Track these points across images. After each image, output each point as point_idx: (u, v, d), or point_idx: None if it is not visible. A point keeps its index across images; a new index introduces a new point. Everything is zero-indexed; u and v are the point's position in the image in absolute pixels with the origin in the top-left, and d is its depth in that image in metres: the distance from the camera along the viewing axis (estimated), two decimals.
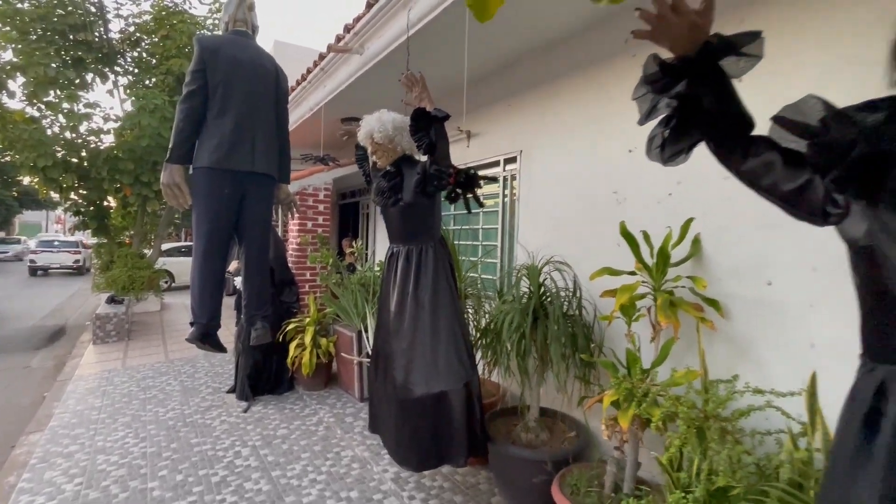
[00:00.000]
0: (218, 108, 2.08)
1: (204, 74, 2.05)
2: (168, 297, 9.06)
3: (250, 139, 2.13)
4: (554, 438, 2.37)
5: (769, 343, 1.76)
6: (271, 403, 3.78)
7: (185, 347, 5.61)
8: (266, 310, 2.36)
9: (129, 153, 6.70)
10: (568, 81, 2.70)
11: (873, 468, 0.69)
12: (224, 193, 2.12)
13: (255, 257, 2.31)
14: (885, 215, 0.71)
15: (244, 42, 2.20)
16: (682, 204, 2.04)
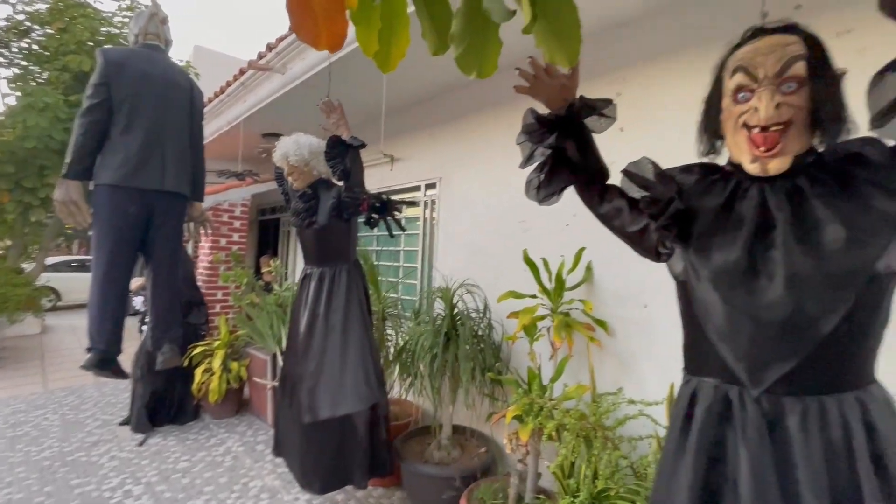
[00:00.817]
0: (124, 123, 1.98)
1: (107, 88, 1.95)
2: (52, 317, 7.98)
3: (160, 156, 2.06)
4: (465, 455, 2.47)
5: (646, 358, 2.02)
6: (172, 434, 3.48)
7: (69, 375, 4.98)
8: (174, 332, 2.23)
9: (9, 155, 5.90)
10: (482, 117, 2.91)
11: (686, 462, 0.86)
12: (129, 212, 2.01)
13: (162, 277, 2.19)
14: (692, 257, 0.90)
15: (155, 56, 2.12)
16: (576, 234, 2.28)
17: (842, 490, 0.73)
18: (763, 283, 0.80)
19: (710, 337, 0.88)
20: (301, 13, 0.70)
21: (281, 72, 3.01)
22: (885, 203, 0.74)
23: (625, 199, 1.09)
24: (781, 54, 0.81)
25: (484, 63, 0.79)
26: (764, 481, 0.77)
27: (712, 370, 0.88)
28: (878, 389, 0.80)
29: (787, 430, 0.78)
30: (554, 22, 0.74)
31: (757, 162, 0.83)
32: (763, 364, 0.80)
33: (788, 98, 0.80)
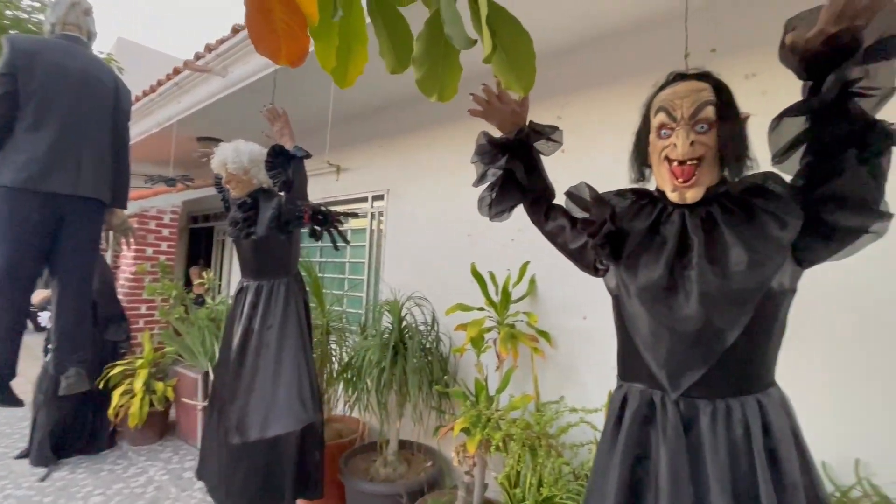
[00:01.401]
0: (32, 120, 1.78)
1: (14, 80, 1.75)
2: None
3: (75, 159, 1.86)
4: (411, 470, 2.44)
5: (586, 367, 2.13)
6: (83, 466, 3.12)
7: None
8: (82, 354, 2.00)
9: None
10: (431, 132, 2.95)
11: (616, 460, 0.94)
12: (32, 218, 1.79)
13: (70, 291, 1.97)
14: (623, 274, 0.99)
15: (74, 49, 1.93)
16: (522, 248, 2.37)
17: (742, 481, 0.83)
18: (681, 299, 0.91)
19: (638, 347, 0.97)
20: (261, 27, 0.69)
21: (221, 74, 2.87)
22: (778, 231, 0.86)
23: (567, 218, 1.17)
24: (695, 99, 0.92)
25: (444, 87, 0.82)
26: (679, 476, 0.86)
27: (640, 376, 0.98)
28: (776, 391, 0.92)
29: (700, 430, 0.88)
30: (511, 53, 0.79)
31: (676, 191, 0.94)
32: (680, 371, 0.90)
33: (701, 137, 0.91)
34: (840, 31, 0.76)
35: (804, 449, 0.90)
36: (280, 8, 0.70)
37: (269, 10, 0.69)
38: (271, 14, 0.70)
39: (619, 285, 1.02)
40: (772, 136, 0.93)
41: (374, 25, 0.85)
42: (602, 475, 0.98)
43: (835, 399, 1.55)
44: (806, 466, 0.88)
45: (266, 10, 0.69)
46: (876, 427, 1.49)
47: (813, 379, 1.57)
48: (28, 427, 3.69)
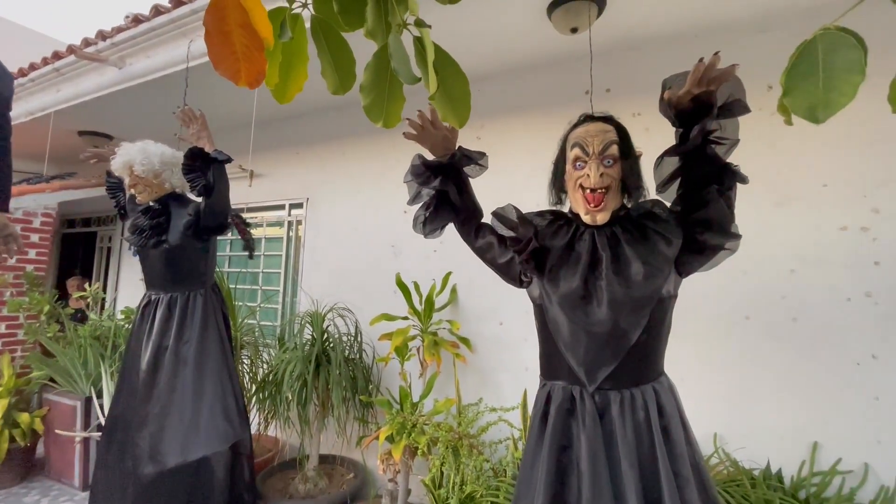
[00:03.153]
0: None
1: None
2: None
3: None
4: (333, 484, 2.41)
5: (502, 369, 2.30)
6: None
7: None
8: None
9: None
10: (354, 142, 2.97)
11: (543, 451, 1.07)
12: None
13: None
14: (546, 285, 1.14)
15: None
16: (444, 259, 2.49)
17: (645, 456, 1.01)
18: (594, 306, 1.08)
19: (559, 348, 1.12)
20: (221, 49, 0.70)
21: (118, 66, 2.60)
22: (665, 248, 1.07)
23: (495, 235, 1.30)
24: (603, 138, 1.11)
25: (389, 114, 0.89)
26: (597, 458, 1.01)
27: (562, 374, 1.13)
28: (666, 379, 1.13)
29: (612, 416, 1.04)
30: (450, 91, 0.89)
31: (589, 214, 1.12)
32: (595, 367, 1.07)
33: (608, 170, 1.10)
34: (700, 93, 0.99)
35: (686, 424, 1.12)
36: (239, 31, 0.73)
37: (228, 32, 0.72)
38: (230, 37, 0.72)
39: (542, 295, 1.17)
40: (656, 171, 1.16)
41: (317, 47, 0.90)
42: (531, 466, 1.10)
43: (700, 385, 1.89)
44: (688, 438, 1.09)
45: (226, 32, 0.71)
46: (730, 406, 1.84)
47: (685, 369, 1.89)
48: None
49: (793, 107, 0.51)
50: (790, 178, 1.83)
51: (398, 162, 2.74)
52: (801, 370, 1.74)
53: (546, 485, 1.04)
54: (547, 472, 1.04)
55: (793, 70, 0.51)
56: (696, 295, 1.90)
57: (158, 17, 2.34)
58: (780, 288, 1.81)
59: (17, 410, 2.97)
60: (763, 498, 1.44)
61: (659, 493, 0.98)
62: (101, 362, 2.96)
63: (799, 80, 0.50)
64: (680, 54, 2.04)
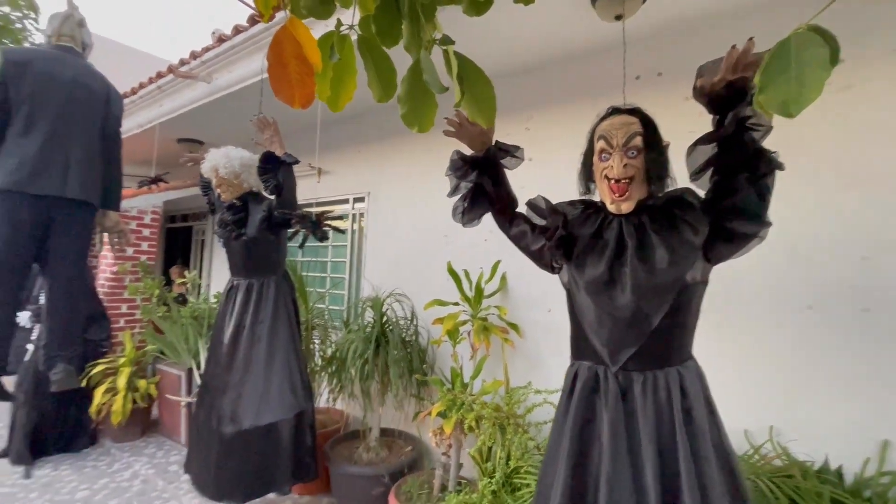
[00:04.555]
0: (22, 126, 1.89)
1: (4, 89, 1.86)
2: None
3: (62, 162, 1.96)
4: (392, 455, 2.63)
5: (551, 355, 2.36)
6: (66, 463, 3.17)
7: None
8: (72, 350, 2.10)
9: None
10: (409, 139, 3.13)
11: (568, 425, 1.15)
12: (22, 219, 1.89)
13: (61, 290, 2.07)
14: (573, 271, 1.21)
15: (66, 58, 2.04)
16: (493, 248, 2.58)
17: (665, 433, 1.07)
18: (618, 291, 1.14)
19: (585, 331, 1.19)
20: (280, 80, 0.87)
21: (206, 81, 2.97)
22: (692, 236, 1.09)
23: (528, 224, 1.38)
24: (627, 130, 1.15)
25: (424, 120, 1.01)
26: (616, 433, 1.09)
27: (588, 355, 1.20)
28: (693, 363, 1.16)
29: (634, 395, 1.11)
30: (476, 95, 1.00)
31: (614, 203, 1.17)
32: (618, 348, 1.13)
33: (632, 161, 1.14)
34: (735, 79, 1.00)
35: (713, 409, 1.14)
36: (294, 62, 0.89)
37: (286, 64, 0.88)
38: (287, 67, 0.88)
39: (570, 280, 1.24)
40: (689, 159, 1.18)
41: (364, 62, 1.04)
42: (557, 439, 1.20)
43: (755, 375, 1.83)
44: (714, 421, 1.12)
45: (283, 64, 0.87)
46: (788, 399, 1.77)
47: (740, 358, 1.84)
48: (3, 427, 3.69)
49: (766, 103, 0.55)
50: (862, 159, 1.70)
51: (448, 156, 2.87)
52: (870, 364, 1.63)
53: (569, 455, 1.12)
54: (570, 443, 1.13)
55: (767, 68, 0.55)
56: (754, 284, 1.83)
57: (238, 36, 2.65)
58: (850, 276, 1.70)
59: (136, 377, 3.55)
60: (814, 490, 1.40)
61: (676, 469, 1.03)
62: (198, 339, 3.44)
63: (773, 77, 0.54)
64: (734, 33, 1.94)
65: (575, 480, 1.12)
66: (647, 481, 1.04)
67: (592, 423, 1.14)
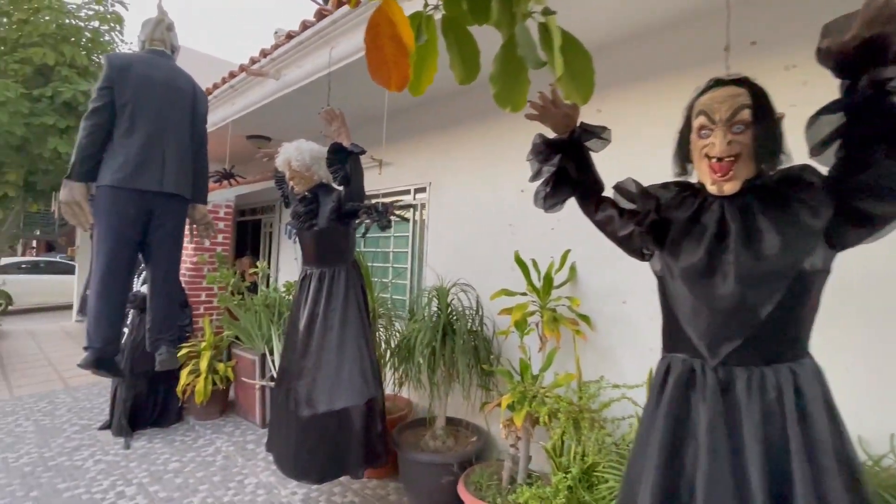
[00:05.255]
0: (126, 126, 2.04)
1: (111, 92, 2.01)
2: (7, 322, 7.55)
3: (160, 159, 2.12)
4: (458, 444, 2.63)
5: (624, 348, 2.25)
6: (157, 437, 3.46)
7: (36, 381, 4.80)
8: (173, 333, 2.29)
9: None
10: (471, 127, 3.09)
11: (659, 420, 1.08)
12: (128, 213, 2.07)
13: (161, 279, 2.24)
14: (667, 258, 1.12)
15: (159, 61, 2.18)
16: (561, 237, 2.49)
17: (774, 436, 0.96)
18: (718, 279, 1.03)
19: (680, 322, 1.10)
20: (377, 62, 0.85)
21: (275, 77, 3.08)
22: (810, 218, 0.97)
23: (616, 208, 1.29)
24: (732, 103, 1.03)
25: (517, 99, 0.96)
26: (717, 432, 0.99)
27: (682, 348, 1.11)
28: (810, 362, 1.03)
29: (736, 393, 1.00)
30: (573, 70, 0.93)
31: (716, 185, 1.06)
32: (718, 342, 1.03)
33: (737, 137, 1.02)
34: (873, 35, 0.87)
35: (836, 413, 1.01)
36: (389, 43, 0.86)
37: (382, 45, 0.86)
38: (384, 49, 0.86)
39: (663, 268, 1.15)
40: (809, 132, 1.03)
41: (447, 43, 1.00)
42: (645, 436, 1.12)
43: (878, 377, 1.63)
44: (837, 429, 0.99)
45: (380, 46, 0.86)
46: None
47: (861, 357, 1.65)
48: (104, 402, 4.11)
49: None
50: None
51: (515, 143, 2.79)
52: None
53: (659, 449, 1.05)
54: (662, 438, 1.05)
55: None
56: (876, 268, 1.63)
57: (306, 31, 2.71)
58: None
59: (215, 361, 3.80)
60: None
61: (788, 477, 0.92)
62: (271, 326, 3.62)
63: None
64: None
65: (666, 479, 1.05)
66: (751, 482, 0.94)
67: (687, 419, 1.06)
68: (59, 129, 6.08)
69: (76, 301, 8.78)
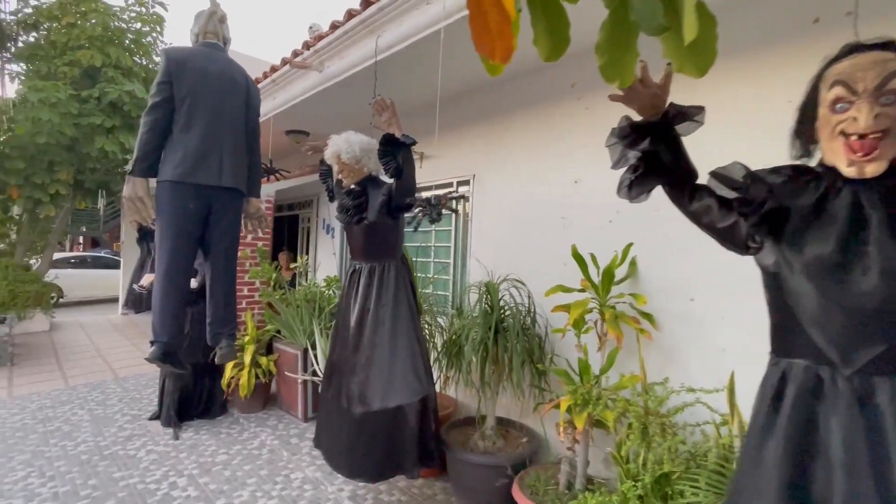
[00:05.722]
0: (184, 121, 2.03)
1: (170, 87, 2.00)
2: (58, 314, 7.92)
3: (217, 153, 2.10)
4: (508, 444, 2.54)
5: (691, 349, 2.10)
6: (204, 428, 3.52)
7: (88, 371, 4.99)
8: (232, 328, 2.28)
9: (19, 150, 5.87)
10: (518, 116, 2.97)
11: (776, 436, 0.95)
12: (188, 208, 2.06)
13: (221, 273, 2.24)
14: (785, 251, 0.99)
15: (214, 54, 2.16)
16: (619, 230, 2.36)
17: None
18: (856, 276, 0.89)
19: (801, 322, 0.96)
20: (481, 30, 0.76)
21: (318, 69, 3.04)
22: None
23: (714, 197, 1.16)
24: (881, 70, 0.89)
25: (625, 72, 0.85)
26: (855, 449, 0.86)
27: (803, 352, 0.97)
28: None
29: (878, 406, 0.87)
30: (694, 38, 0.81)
31: (854, 166, 0.92)
32: (854, 347, 0.89)
33: (886, 109, 0.88)
34: None
35: None
36: (493, 10, 0.77)
37: (485, 12, 0.77)
38: (487, 17, 0.77)
39: (779, 262, 1.02)
40: None
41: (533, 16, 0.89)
42: (758, 448, 1.00)
43: None
44: None
45: (483, 13, 0.77)
46: None
47: None
48: (152, 392, 4.22)
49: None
50: None
51: (567, 132, 2.66)
52: None
53: (780, 467, 0.93)
54: (783, 455, 0.93)
55: None
56: None
57: (351, 21, 2.65)
58: None
59: (258, 354, 3.84)
60: None
61: None
62: (312, 320, 3.62)
63: None
64: None
65: (791, 501, 0.93)
66: None
67: (813, 434, 0.93)
68: (105, 128, 6.29)
69: (122, 294, 9.13)
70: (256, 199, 2.46)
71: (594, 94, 2.53)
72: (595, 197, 2.47)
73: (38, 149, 5.90)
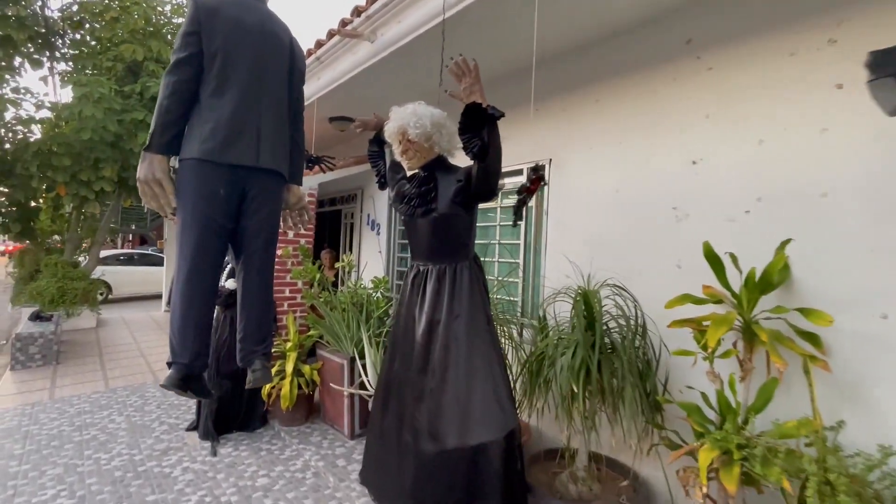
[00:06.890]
0: (215, 83, 1.59)
1: (198, 39, 1.56)
2: (105, 311, 7.99)
3: (255, 126, 1.65)
4: (606, 489, 2.05)
5: (884, 383, 1.54)
6: (243, 443, 3.20)
7: (129, 373, 4.84)
8: (268, 345, 1.83)
9: (65, 147, 5.82)
10: (609, 86, 2.45)
11: None
12: (218, 194, 1.61)
13: (255, 277, 1.79)
14: None
15: (251, 3, 1.74)
16: (762, 223, 1.81)
17: None
18: None
19: None
20: None
21: (370, 39, 2.63)
22: None
23: None
24: None
25: None
26: None
27: None
28: None
29: None
30: None
31: None
32: None
33: None
34: None
35: None
36: None
37: None
38: None
39: None
40: None
41: None
42: None
43: None
44: None
45: None
46: None
47: None
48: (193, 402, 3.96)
49: None
50: None
51: (682, 100, 2.12)
52: None
53: None
54: None
55: None
56: None
57: None
58: None
59: (301, 363, 3.49)
60: None
61: None
62: (360, 327, 3.23)
63: None
64: None
65: None
66: None
67: None
68: (147, 124, 6.19)
69: (165, 291, 9.19)
70: (298, 187, 2.00)
71: (719, 51, 1.99)
72: (723, 181, 1.94)
73: (84, 145, 5.84)
